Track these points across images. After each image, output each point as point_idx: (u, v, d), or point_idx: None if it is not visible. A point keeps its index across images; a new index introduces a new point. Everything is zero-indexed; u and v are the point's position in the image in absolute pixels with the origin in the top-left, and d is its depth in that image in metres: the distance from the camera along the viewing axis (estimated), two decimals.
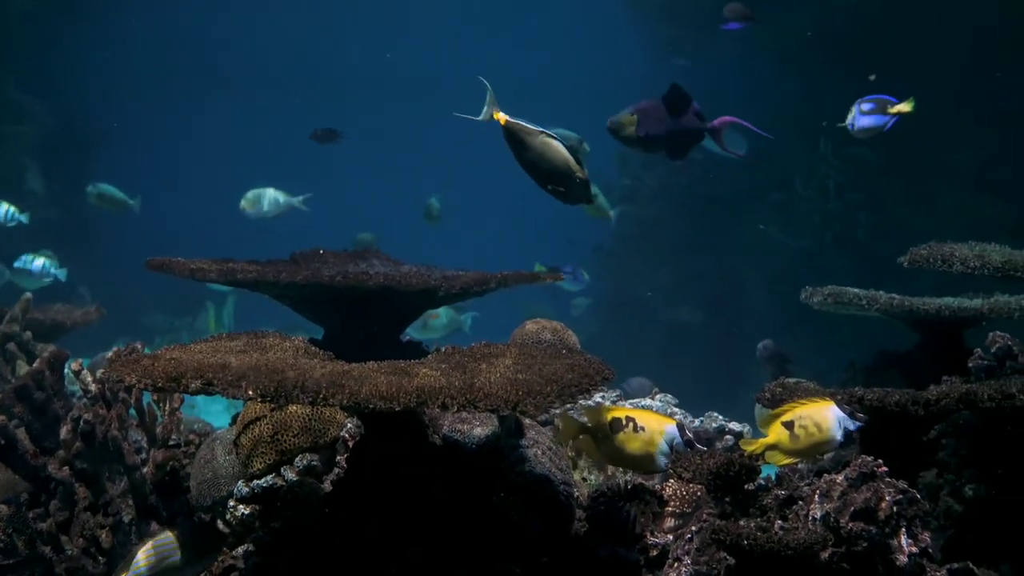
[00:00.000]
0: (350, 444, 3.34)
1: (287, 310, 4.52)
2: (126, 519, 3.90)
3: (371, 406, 2.51)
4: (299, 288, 4.07)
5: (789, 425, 3.00)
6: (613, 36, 17.43)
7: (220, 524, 3.47)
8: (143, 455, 3.98)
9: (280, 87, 21.55)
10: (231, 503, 3.42)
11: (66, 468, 3.88)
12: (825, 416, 2.99)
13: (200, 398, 2.72)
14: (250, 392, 2.56)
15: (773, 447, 3.04)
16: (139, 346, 3.78)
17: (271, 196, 8.37)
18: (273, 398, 2.57)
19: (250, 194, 8.44)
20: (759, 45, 11.93)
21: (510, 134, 3.45)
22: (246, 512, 3.37)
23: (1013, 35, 9.71)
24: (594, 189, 6.98)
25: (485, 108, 3.40)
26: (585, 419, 3.11)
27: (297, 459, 3.37)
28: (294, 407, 3.39)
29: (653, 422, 3.05)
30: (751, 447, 3.05)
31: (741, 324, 10.59)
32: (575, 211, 4.65)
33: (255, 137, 22.55)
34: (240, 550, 3.31)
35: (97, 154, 15.08)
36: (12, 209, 7.93)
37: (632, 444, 3.02)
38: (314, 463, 3.37)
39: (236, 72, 20.96)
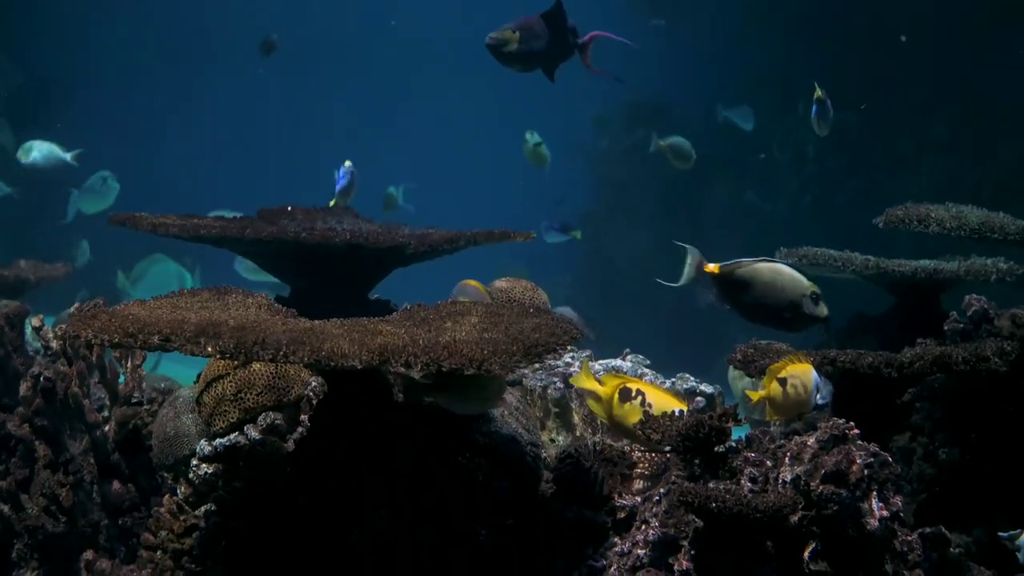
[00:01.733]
0: (314, 403, 3.28)
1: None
2: (87, 478, 3.83)
3: (332, 364, 2.46)
4: (264, 244, 4.00)
5: (783, 382, 2.95)
6: None
7: (182, 483, 3.41)
8: (105, 413, 3.92)
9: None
10: (194, 462, 3.36)
11: (26, 426, 3.81)
12: (809, 377, 2.94)
13: (174, 355, 2.66)
14: (209, 349, 2.50)
15: (769, 402, 2.99)
16: (101, 302, 3.72)
17: (45, 148, 8.34)
18: (233, 355, 2.51)
19: (25, 144, 8.43)
20: (737, 5, 11.88)
21: (732, 283, 3.37)
22: (209, 471, 3.32)
23: None
24: (536, 137, 6.97)
25: (687, 270, 3.33)
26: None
27: (260, 417, 3.31)
28: (258, 365, 3.33)
29: (665, 401, 2.99)
30: (755, 398, 3.00)
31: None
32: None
33: (238, 97, 22.37)
34: (202, 510, 3.26)
35: (66, 109, 14.91)
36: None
37: (636, 417, 2.97)
38: (277, 422, 3.31)
39: (216, 28, 20.74)
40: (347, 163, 4.85)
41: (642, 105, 12.43)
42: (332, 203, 4.77)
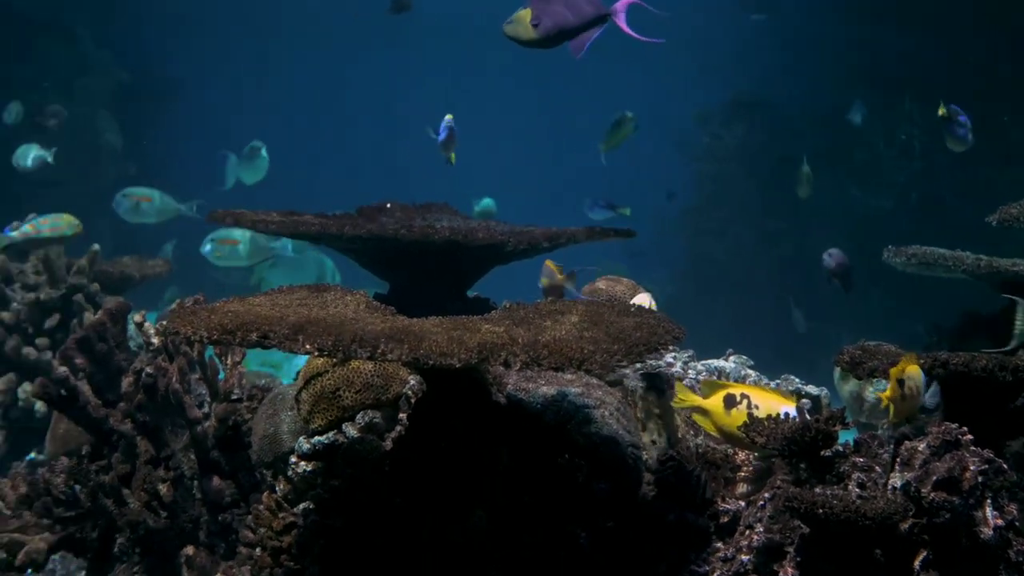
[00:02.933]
0: (413, 401, 3.26)
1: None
2: (188, 473, 3.86)
3: (431, 362, 2.42)
4: (363, 241, 3.99)
5: (901, 383, 2.85)
6: None
7: (281, 480, 3.41)
8: (205, 409, 3.94)
9: (355, 37, 21.45)
10: (292, 459, 3.36)
11: (128, 421, 3.85)
12: (920, 379, 2.85)
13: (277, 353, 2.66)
14: (307, 346, 2.48)
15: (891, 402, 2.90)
16: (201, 298, 3.73)
17: (31, 151, 8.33)
18: (331, 352, 2.49)
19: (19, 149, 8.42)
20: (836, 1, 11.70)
21: None
22: (307, 469, 3.31)
23: None
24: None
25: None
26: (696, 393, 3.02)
27: (359, 416, 3.30)
28: (356, 363, 3.32)
29: (771, 402, 2.93)
30: (885, 396, 2.91)
31: (819, 285, 10.40)
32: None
33: (329, 88, 22.53)
34: (300, 507, 3.26)
35: (170, 106, 15.10)
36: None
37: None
38: (376, 420, 3.30)
39: (309, 22, 20.89)
40: (448, 116, 4.80)
41: (742, 101, 12.31)
42: (451, 158, 4.66)
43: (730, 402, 2.92)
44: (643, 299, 4.03)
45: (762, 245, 11.61)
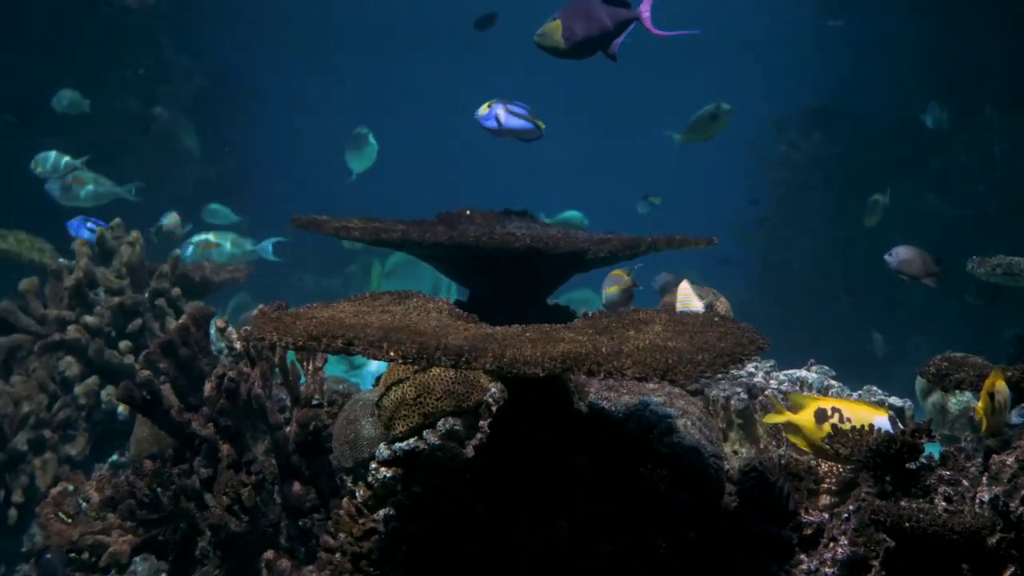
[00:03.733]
0: (494, 409, 3.27)
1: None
2: (268, 478, 3.89)
3: (515, 371, 2.42)
4: (444, 248, 4.00)
5: (991, 396, 2.81)
6: None
7: (361, 486, 3.43)
8: (286, 414, 3.97)
9: (435, 44, 21.54)
10: (372, 465, 3.39)
11: (211, 425, 3.89)
12: (1007, 393, 2.81)
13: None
14: (391, 353, 2.49)
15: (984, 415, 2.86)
16: (284, 304, 3.76)
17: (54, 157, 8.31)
18: (415, 360, 2.50)
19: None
20: (917, 5, 11.55)
21: None
22: (387, 475, 3.34)
23: None
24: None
25: None
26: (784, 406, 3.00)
27: (440, 422, 3.32)
28: (437, 370, 3.33)
29: (863, 414, 2.90)
30: (979, 408, 2.87)
31: (894, 294, 10.30)
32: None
33: (406, 95, 22.63)
34: (380, 513, 3.27)
35: (246, 112, 15.24)
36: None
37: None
38: (456, 427, 3.31)
39: (387, 28, 21.00)
40: (486, 107, 4.74)
41: (819, 108, 12.21)
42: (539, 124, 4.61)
43: (821, 417, 2.89)
44: (721, 307, 4.02)
45: (837, 253, 11.52)
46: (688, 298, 3.97)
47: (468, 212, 4.62)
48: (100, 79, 12.04)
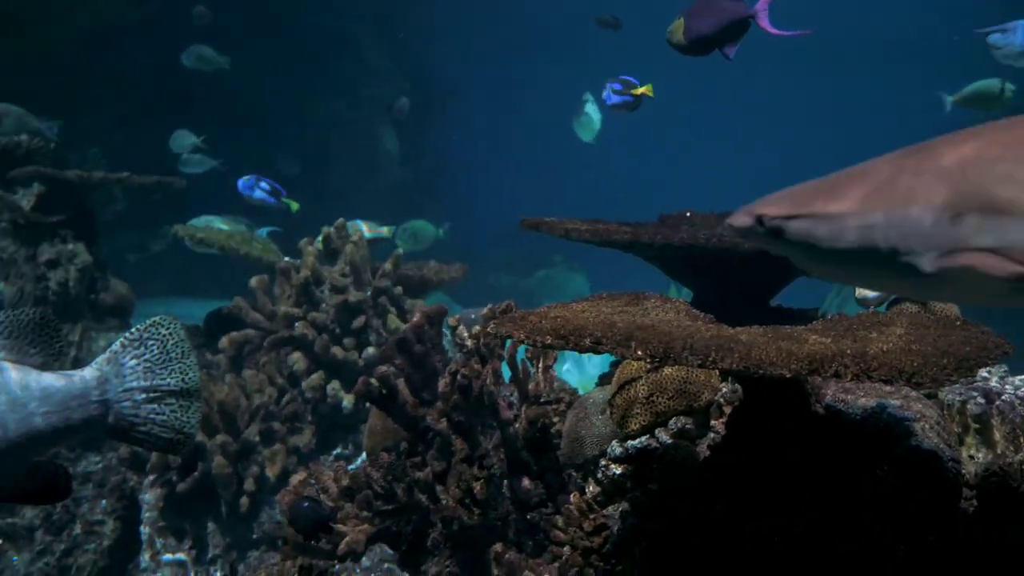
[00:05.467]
0: (725, 409, 3.29)
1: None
2: (498, 472, 3.99)
3: (761, 371, 2.45)
4: (674, 249, 4.04)
5: None
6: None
7: (591, 482, 3.49)
8: (515, 411, 4.06)
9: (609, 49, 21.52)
10: (603, 462, 3.44)
11: (444, 420, 4.01)
12: None
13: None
14: (639, 352, 2.54)
15: None
16: (513, 304, 3.86)
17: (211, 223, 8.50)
18: (661, 359, 2.54)
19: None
20: None
21: None
22: (618, 472, 3.39)
23: None
24: None
25: None
26: None
27: (671, 421, 3.36)
28: (669, 369, 3.37)
29: None
30: None
31: None
32: None
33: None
34: (611, 509, 3.33)
35: (442, 114, 15.44)
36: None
37: None
38: (688, 426, 3.35)
39: (569, 38, 21.03)
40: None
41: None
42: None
43: None
44: (949, 309, 3.96)
45: None
46: None
47: (688, 214, 4.66)
48: (308, 84, 12.41)
